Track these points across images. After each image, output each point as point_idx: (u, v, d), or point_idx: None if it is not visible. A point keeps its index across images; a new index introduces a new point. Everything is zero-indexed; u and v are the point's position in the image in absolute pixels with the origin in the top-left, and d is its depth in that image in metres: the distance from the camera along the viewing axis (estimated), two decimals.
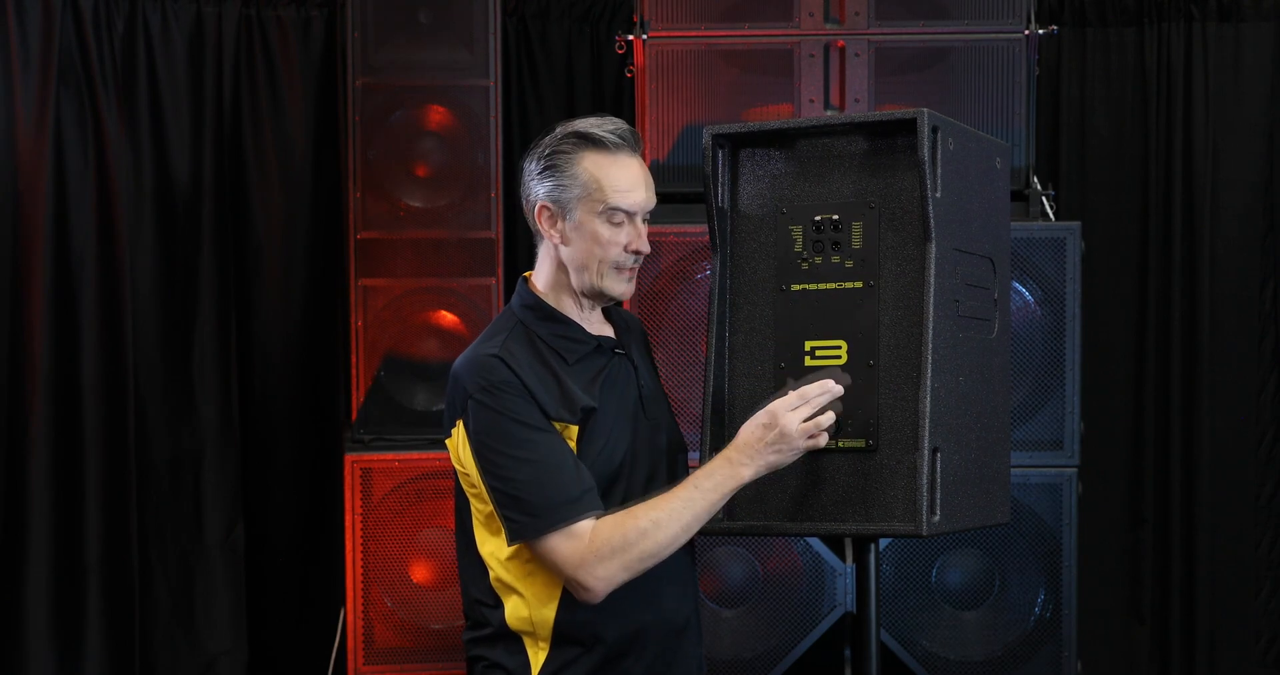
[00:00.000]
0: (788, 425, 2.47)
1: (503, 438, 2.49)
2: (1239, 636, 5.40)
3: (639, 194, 2.60)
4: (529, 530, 2.48)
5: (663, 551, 2.48)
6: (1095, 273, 5.31)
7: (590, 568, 2.46)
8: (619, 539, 2.46)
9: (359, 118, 4.79)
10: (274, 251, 5.35)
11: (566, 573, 2.48)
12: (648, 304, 4.38)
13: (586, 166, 2.59)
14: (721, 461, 2.50)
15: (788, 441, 2.48)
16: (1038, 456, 4.33)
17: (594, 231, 2.58)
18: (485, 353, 2.55)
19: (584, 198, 2.58)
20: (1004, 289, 2.77)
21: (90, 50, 5.08)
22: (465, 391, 2.54)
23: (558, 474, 2.49)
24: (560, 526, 2.47)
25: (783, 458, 2.49)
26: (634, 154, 2.61)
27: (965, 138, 2.62)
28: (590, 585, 2.47)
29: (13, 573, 5.01)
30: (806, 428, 2.48)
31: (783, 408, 2.49)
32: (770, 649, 4.40)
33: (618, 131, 2.60)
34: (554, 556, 2.48)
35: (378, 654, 4.76)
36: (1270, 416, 5.43)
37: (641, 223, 2.62)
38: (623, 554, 2.46)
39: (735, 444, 2.51)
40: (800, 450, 2.49)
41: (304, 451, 5.39)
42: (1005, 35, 4.53)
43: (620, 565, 2.47)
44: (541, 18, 5.57)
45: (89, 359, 5.07)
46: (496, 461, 2.50)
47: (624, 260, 2.60)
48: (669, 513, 2.48)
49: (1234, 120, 5.42)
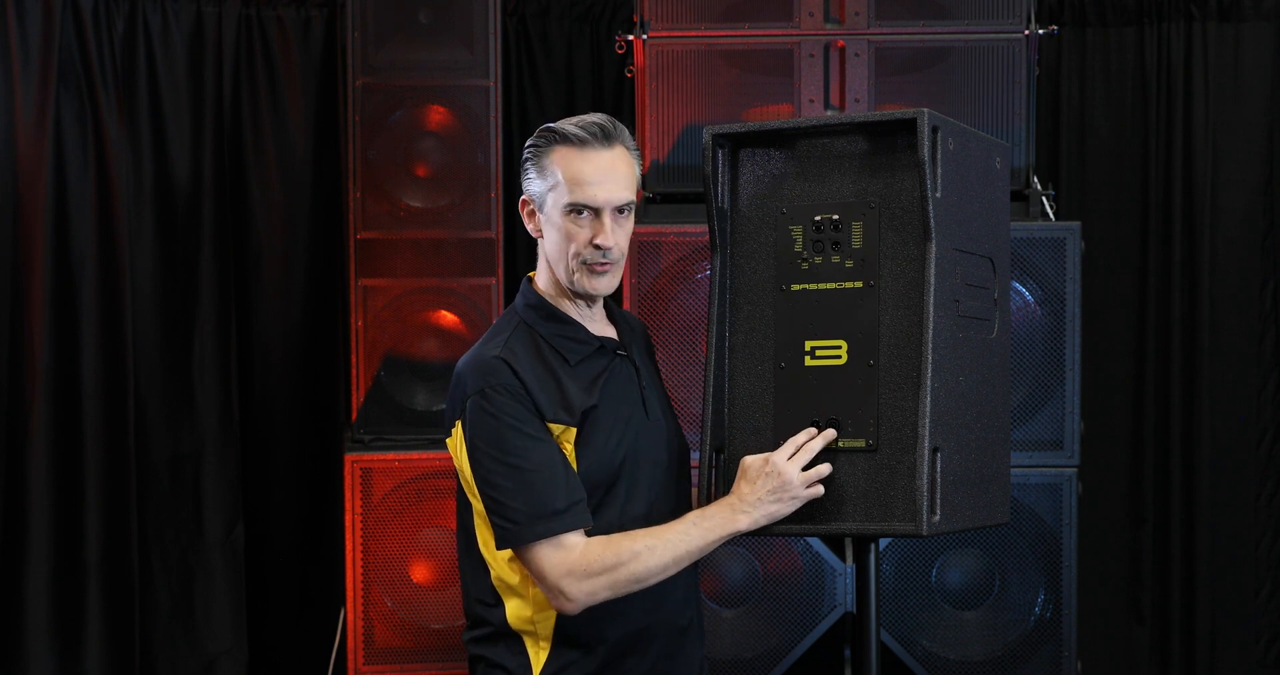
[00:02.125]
0: (788, 474, 2.50)
1: (497, 443, 2.50)
2: (1239, 636, 5.40)
3: (599, 189, 2.56)
4: (514, 537, 2.50)
5: (650, 578, 2.49)
6: (1095, 273, 5.31)
7: (577, 581, 2.47)
8: (611, 557, 2.48)
9: (359, 118, 4.79)
10: (274, 251, 5.35)
11: (550, 580, 2.48)
12: (648, 304, 4.38)
13: (555, 160, 2.59)
14: (723, 507, 2.52)
15: (788, 490, 2.50)
16: (1038, 456, 4.33)
17: (560, 225, 2.58)
18: (488, 354, 2.55)
19: (551, 192, 2.59)
20: (1004, 289, 2.77)
21: (90, 50, 5.08)
22: (465, 392, 2.54)
23: (547, 486, 2.49)
24: (545, 537, 2.48)
25: (783, 507, 2.51)
26: (605, 147, 2.58)
27: (965, 138, 2.62)
28: (573, 596, 2.48)
29: (13, 572, 5.01)
30: (807, 476, 2.51)
31: (780, 457, 2.51)
32: (770, 649, 4.40)
33: (584, 125, 2.58)
34: (539, 564, 2.49)
35: (378, 654, 4.76)
36: (1270, 416, 5.43)
37: (611, 217, 2.58)
38: (611, 573, 2.48)
39: (735, 493, 2.53)
40: (801, 499, 2.51)
41: (304, 451, 5.39)
42: (1005, 35, 4.53)
43: (606, 582, 2.48)
44: (541, 18, 5.57)
45: (89, 359, 5.07)
46: (488, 466, 2.50)
47: (589, 255, 2.58)
48: (664, 542, 2.49)
49: (1234, 120, 5.42)
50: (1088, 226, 4.79)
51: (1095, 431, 5.07)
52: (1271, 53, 5.41)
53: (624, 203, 2.59)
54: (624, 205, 2.60)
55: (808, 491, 2.51)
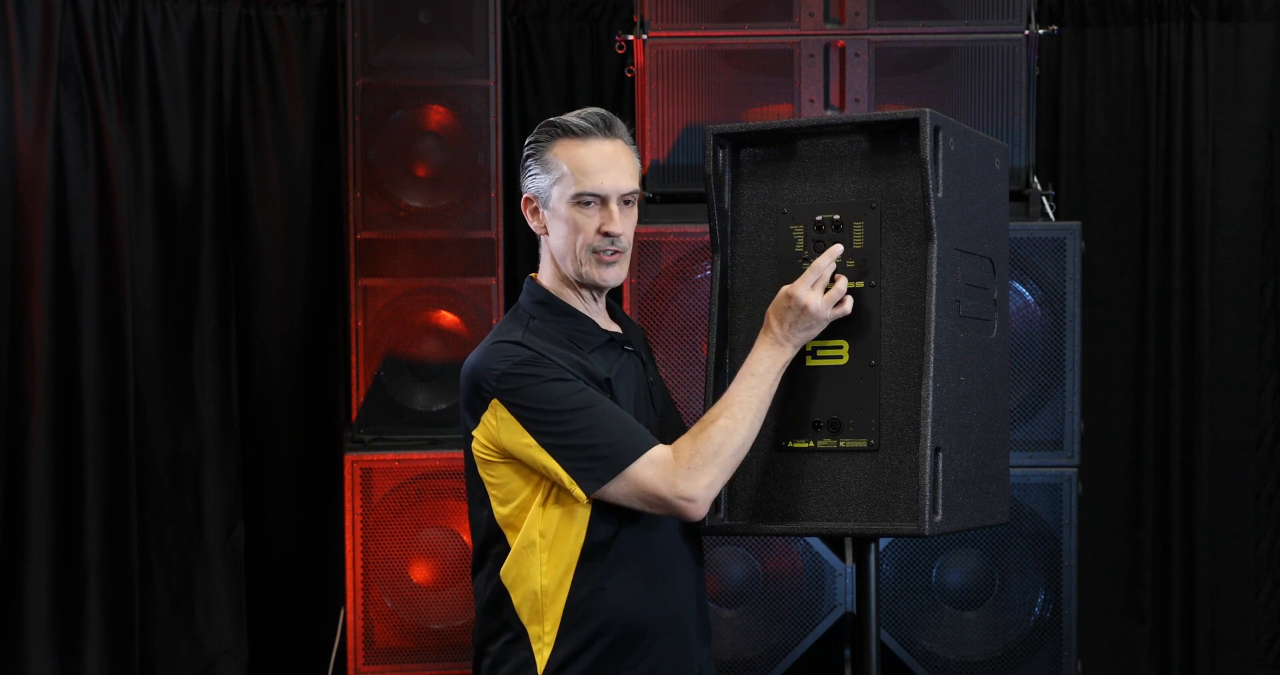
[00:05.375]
0: (811, 302, 2.53)
1: (549, 399, 2.51)
2: (1239, 636, 5.40)
3: (605, 177, 2.59)
4: (606, 470, 2.50)
5: (748, 442, 2.53)
6: (1095, 273, 5.31)
7: (688, 480, 2.49)
8: (706, 448, 2.49)
9: (359, 118, 4.79)
10: (274, 251, 5.35)
11: (663, 492, 2.49)
12: (648, 304, 4.38)
13: (557, 153, 2.61)
14: (764, 347, 2.56)
15: (814, 316, 2.54)
16: (1038, 456, 4.33)
17: (568, 217, 2.60)
18: (504, 341, 2.57)
19: (556, 185, 2.61)
20: (1004, 289, 2.77)
21: (90, 50, 5.08)
22: (490, 380, 2.54)
23: (613, 416, 2.52)
24: (636, 457, 2.49)
25: (812, 332, 2.56)
26: (607, 138, 2.62)
27: (966, 138, 2.63)
28: (694, 495, 2.49)
29: (13, 572, 5.01)
30: (829, 298, 2.54)
31: (800, 288, 2.54)
32: (770, 649, 4.40)
33: (585, 116, 2.62)
34: (643, 484, 2.49)
35: (378, 654, 4.76)
36: (1270, 416, 5.43)
37: (618, 206, 2.61)
38: (716, 458, 2.50)
39: (768, 328, 2.56)
40: (827, 320, 2.55)
41: (304, 452, 5.39)
42: (1005, 35, 4.53)
43: (715, 468, 2.50)
44: (541, 17, 5.57)
45: (89, 359, 5.07)
46: (552, 420, 2.50)
47: (599, 244, 2.60)
48: (738, 405, 2.53)
49: (1234, 120, 5.42)
50: (1088, 226, 4.79)
51: (1095, 431, 5.07)
52: (1271, 53, 5.41)
53: (629, 192, 2.62)
54: (629, 195, 2.63)
55: (834, 312, 2.55)
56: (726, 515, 2.65)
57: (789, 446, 2.62)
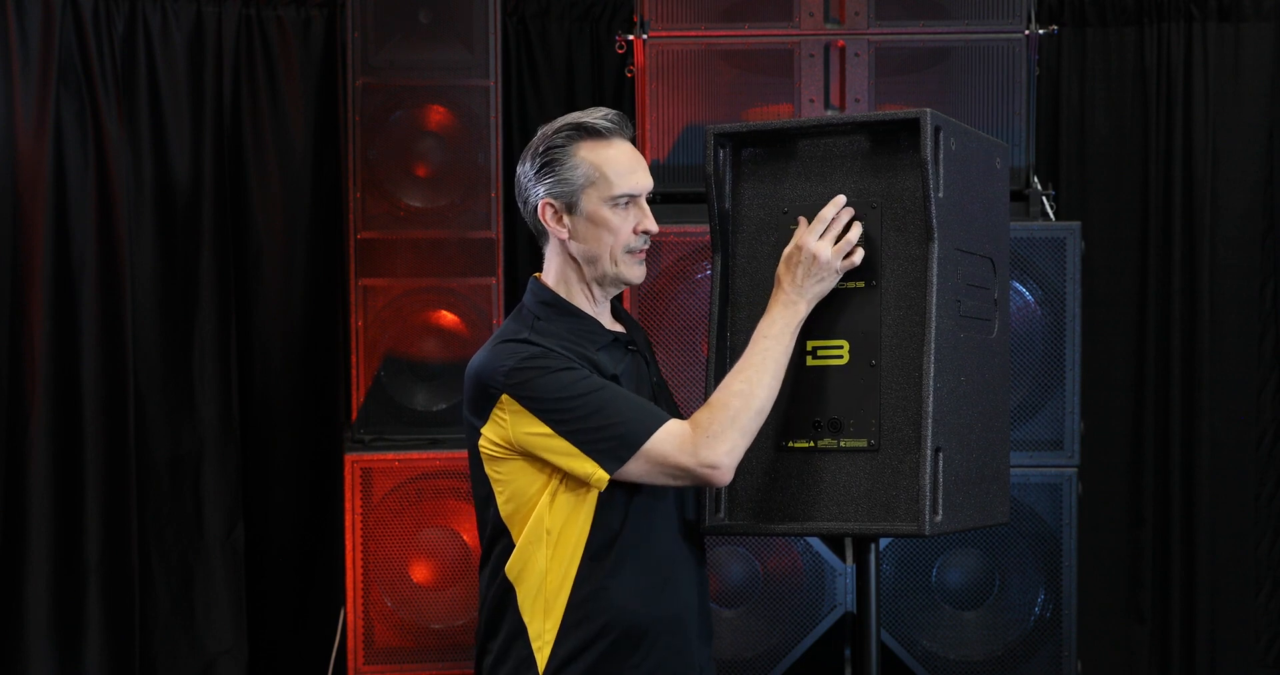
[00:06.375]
0: (820, 252, 2.53)
1: (560, 387, 2.51)
2: (1239, 636, 5.40)
3: (640, 176, 2.62)
4: (625, 448, 2.49)
5: (767, 406, 2.52)
6: (1095, 273, 5.31)
7: (710, 447, 2.48)
8: (724, 414, 2.49)
9: (359, 118, 4.79)
10: (274, 251, 5.35)
11: (685, 461, 2.49)
12: (648, 304, 4.38)
13: (585, 156, 2.60)
14: (777, 306, 2.55)
15: (825, 267, 2.54)
16: (1038, 456, 4.33)
17: (604, 219, 2.60)
18: (509, 340, 2.58)
19: (587, 187, 2.60)
20: (1004, 289, 2.77)
21: (90, 50, 5.08)
22: (498, 377, 2.54)
23: (626, 396, 2.53)
24: (654, 431, 2.49)
25: (825, 285, 2.56)
26: (626, 137, 2.64)
27: (966, 138, 2.63)
28: (717, 462, 2.48)
29: (13, 572, 5.01)
30: (840, 248, 2.54)
31: (809, 238, 2.54)
32: (770, 649, 4.40)
33: (608, 117, 2.62)
34: (665, 455, 2.49)
35: (378, 654, 4.76)
36: (1270, 416, 5.43)
37: (644, 203, 2.64)
38: (735, 422, 2.49)
39: (780, 288, 2.55)
40: (839, 271, 2.55)
41: (304, 451, 5.39)
42: (1005, 35, 4.53)
43: (736, 431, 2.49)
44: (541, 18, 5.57)
45: (89, 359, 5.07)
46: (565, 407, 2.50)
47: (636, 243, 2.62)
48: (755, 368, 2.52)
49: (1234, 120, 5.42)
50: (1088, 226, 4.79)
51: (1095, 431, 5.07)
52: (1271, 53, 5.41)
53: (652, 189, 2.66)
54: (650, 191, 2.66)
55: (844, 262, 2.55)
56: (727, 515, 2.65)
57: (789, 446, 2.62)
